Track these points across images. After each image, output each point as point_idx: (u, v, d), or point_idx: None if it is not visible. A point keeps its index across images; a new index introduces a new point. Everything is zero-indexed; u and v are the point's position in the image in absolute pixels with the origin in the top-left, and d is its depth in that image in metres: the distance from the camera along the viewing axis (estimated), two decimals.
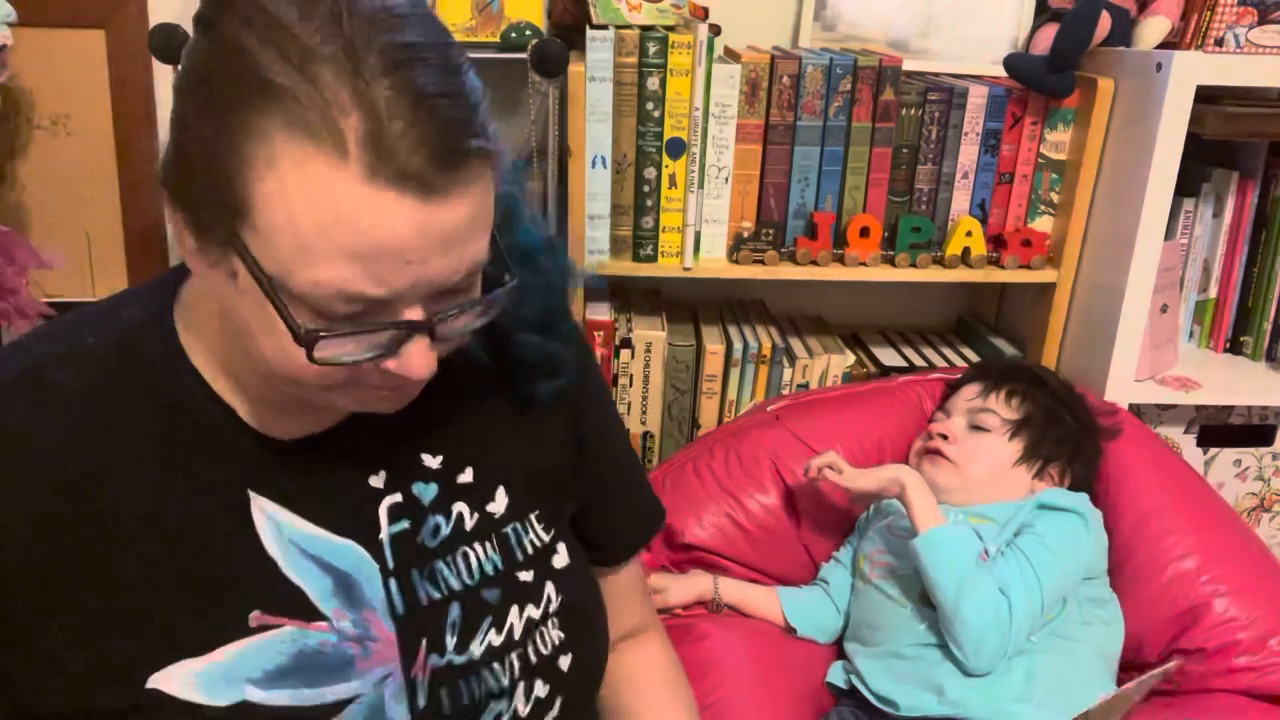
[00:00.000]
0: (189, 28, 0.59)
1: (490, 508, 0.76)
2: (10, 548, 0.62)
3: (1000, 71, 1.47)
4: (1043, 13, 1.56)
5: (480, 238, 0.59)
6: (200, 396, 0.67)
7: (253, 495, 0.67)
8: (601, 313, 1.48)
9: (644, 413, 1.53)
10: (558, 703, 0.76)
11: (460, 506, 0.75)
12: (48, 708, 0.63)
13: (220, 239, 0.56)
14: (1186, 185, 1.46)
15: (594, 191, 1.40)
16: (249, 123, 0.52)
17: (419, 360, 0.59)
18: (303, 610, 0.67)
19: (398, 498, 0.72)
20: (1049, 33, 1.45)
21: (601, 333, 1.46)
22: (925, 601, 1.14)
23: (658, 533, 0.95)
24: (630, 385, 1.51)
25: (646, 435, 1.55)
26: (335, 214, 0.52)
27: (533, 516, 0.79)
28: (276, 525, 0.68)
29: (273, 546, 0.67)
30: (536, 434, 0.80)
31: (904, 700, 1.12)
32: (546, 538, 0.79)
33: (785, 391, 1.51)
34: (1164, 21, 1.41)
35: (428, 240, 0.54)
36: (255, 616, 0.66)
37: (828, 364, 1.53)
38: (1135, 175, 1.36)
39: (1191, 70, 1.29)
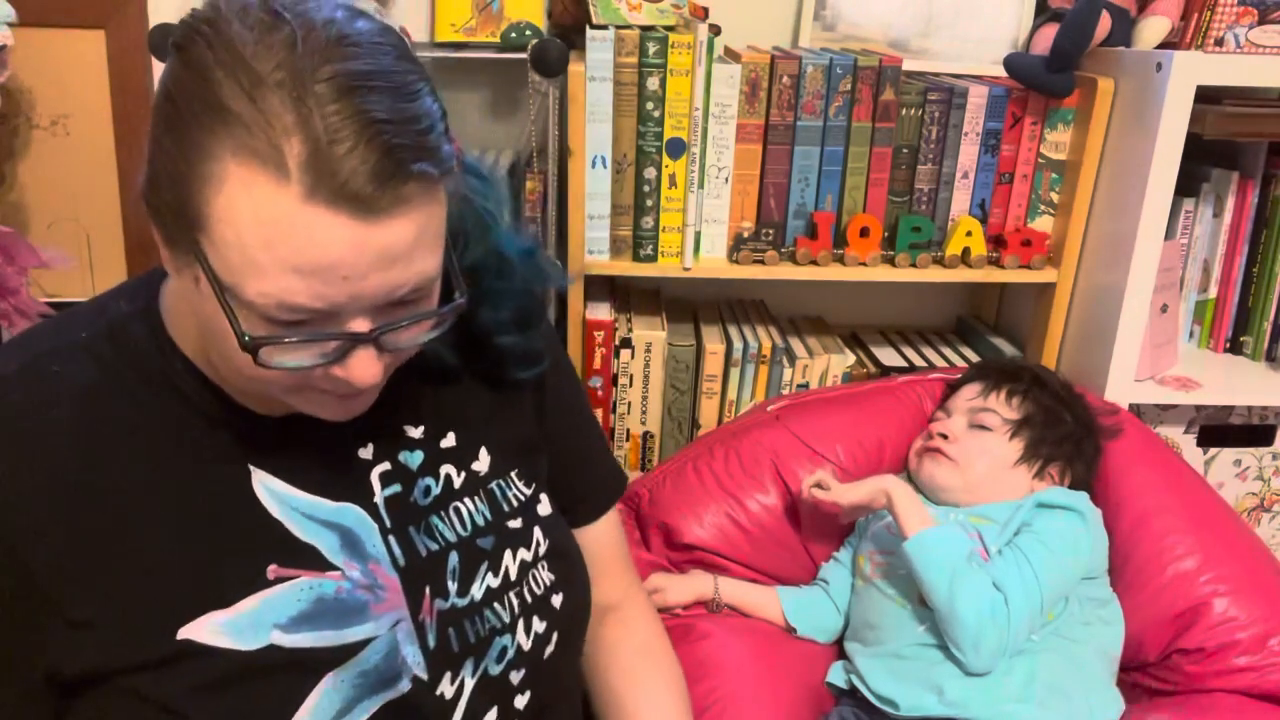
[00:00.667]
0: None
1: (475, 466, 0.82)
2: (28, 527, 0.65)
3: (1000, 71, 1.47)
4: (1043, 13, 1.56)
5: (424, 256, 0.61)
6: (192, 380, 0.71)
7: (253, 469, 0.72)
8: (601, 313, 1.48)
9: (644, 413, 1.53)
10: (554, 637, 0.83)
11: (447, 468, 0.80)
12: (84, 668, 0.67)
13: (185, 248, 0.60)
14: (1186, 185, 1.46)
15: (594, 191, 1.40)
16: (204, 144, 0.56)
17: (363, 369, 0.63)
18: (316, 562, 0.72)
19: (386, 466, 0.78)
20: (1049, 33, 1.45)
21: (601, 333, 1.46)
22: (925, 601, 1.14)
23: (619, 495, 1.00)
24: (630, 385, 1.51)
25: (646, 435, 1.55)
26: (276, 231, 0.56)
27: (513, 474, 0.85)
28: (276, 496, 0.72)
29: (277, 513, 0.72)
30: (508, 403, 0.86)
31: (904, 700, 1.12)
32: (529, 491, 0.86)
33: (785, 391, 1.51)
34: (1164, 21, 1.41)
35: (364, 257, 0.58)
36: (273, 569, 0.70)
37: (828, 364, 1.53)
38: (1135, 175, 1.36)
39: (1191, 70, 1.29)
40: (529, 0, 1.42)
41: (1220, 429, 1.54)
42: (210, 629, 0.67)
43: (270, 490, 0.72)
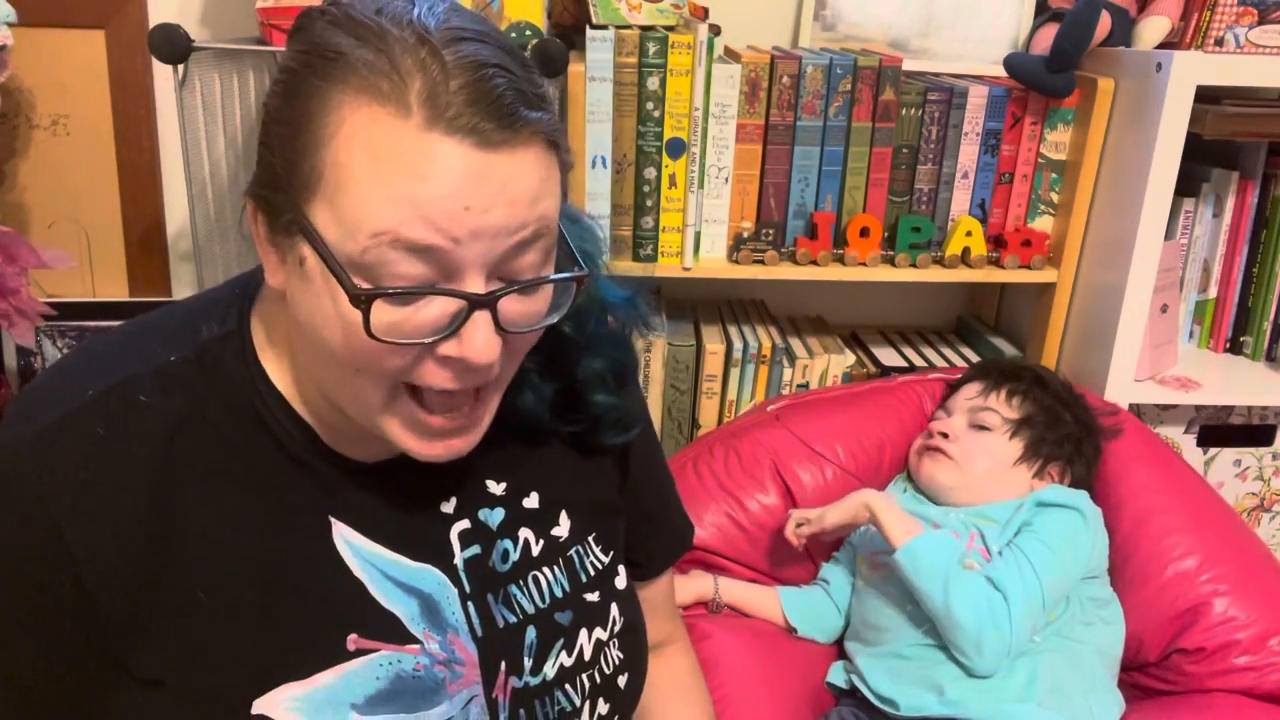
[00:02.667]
0: (189, 28, 0.61)
1: (555, 531, 0.78)
2: (100, 576, 0.60)
3: (1000, 71, 1.47)
4: (1043, 13, 1.56)
5: (544, 202, 0.59)
6: (282, 416, 0.67)
7: (334, 521, 0.68)
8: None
9: None
10: (616, 719, 0.79)
11: (525, 532, 0.76)
12: None
13: (289, 224, 0.58)
14: (1186, 185, 1.46)
15: (594, 191, 1.40)
16: (322, 93, 0.56)
17: (480, 340, 0.58)
18: (397, 634, 0.68)
19: (466, 524, 0.73)
20: (1049, 33, 1.45)
21: None
22: (919, 603, 1.14)
23: (689, 548, 0.98)
24: None
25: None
26: (395, 163, 0.54)
27: (590, 539, 0.80)
28: (358, 551, 0.68)
29: (359, 571, 0.68)
30: (591, 465, 0.82)
31: (904, 700, 1.12)
32: (606, 559, 0.81)
33: (785, 391, 1.51)
34: (1164, 21, 1.41)
35: (486, 186, 0.55)
36: (353, 640, 0.66)
37: (828, 364, 1.53)
38: (1135, 175, 1.36)
39: (1191, 70, 1.29)
40: (529, 0, 1.42)
41: (1220, 429, 1.55)
42: (286, 704, 0.63)
43: (351, 545, 0.68)
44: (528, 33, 1.39)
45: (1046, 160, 1.47)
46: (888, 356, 1.61)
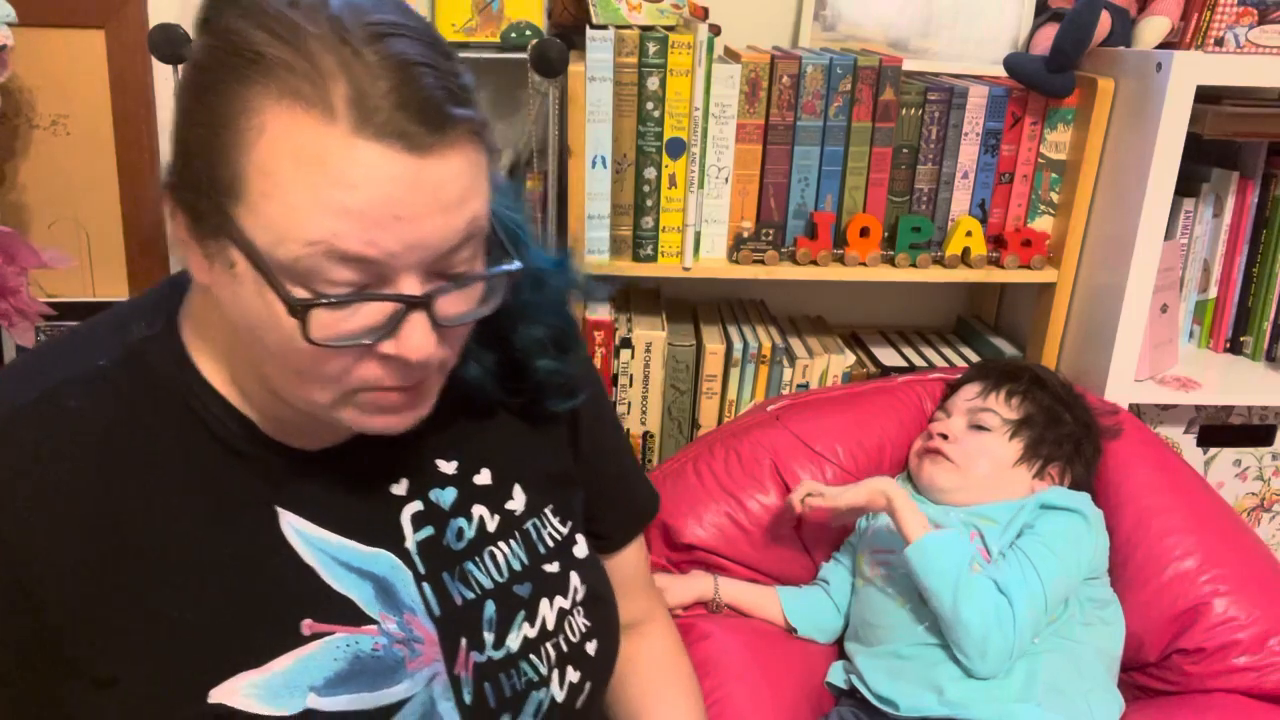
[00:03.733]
0: (189, 28, 0.60)
1: (509, 505, 0.78)
2: (46, 580, 0.61)
3: (1000, 71, 1.47)
4: (1043, 13, 1.56)
5: (474, 202, 0.58)
6: (219, 410, 0.67)
7: (280, 511, 0.68)
8: (601, 313, 1.48)
9: (644, 413, 1.53)
10: (588, 686, 0.79)
11: (480, 509, 0.76)
12: None
13: (215, 227, 0.56)
14: (1186, 185, 1.46)
15: (594, 191, 1.40)
16: (241, 96, 0.54)
17: (418, 339, 0.58)
18: (352, 616, 0.68)
19: (418, 505, 0.73)
20: (1049, 33, 1.45)
21: (601, 333, 1.46)
22: (926, 602, 1.14)
23: (652, 519, 0.97)
24: (630, 385, 1.51)
25: (646, 435, 1.55)
26: (324, 171, 0.53)
27: (548, 510, 0.81)
28: (307, 539, 0.68)
29: (309, 558, 0.68)
30: (542, 435, 0.82)
31: (904, 700, 1.12)
32: (565, 530, 0.82)
33: (785, 391, 1.51)
34: (1164, 21, 1.41)
35: (418, 195, 0.55)
36: (307, 624, 0.66)
37: (828, 364, 1.53)
38: (1135, 175, 1.36)
39: (1191, 70, 1.29)
40: (529, 0, 1.42)
41: (1220, 429, 1.55)
42: (243, 691, 0.63)
43: (300, 533, 0.68)
44: (528, 33, 1.40)
45: (1046, 160, 1.47)
46: (888, 356, 1.61)
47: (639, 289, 1.68)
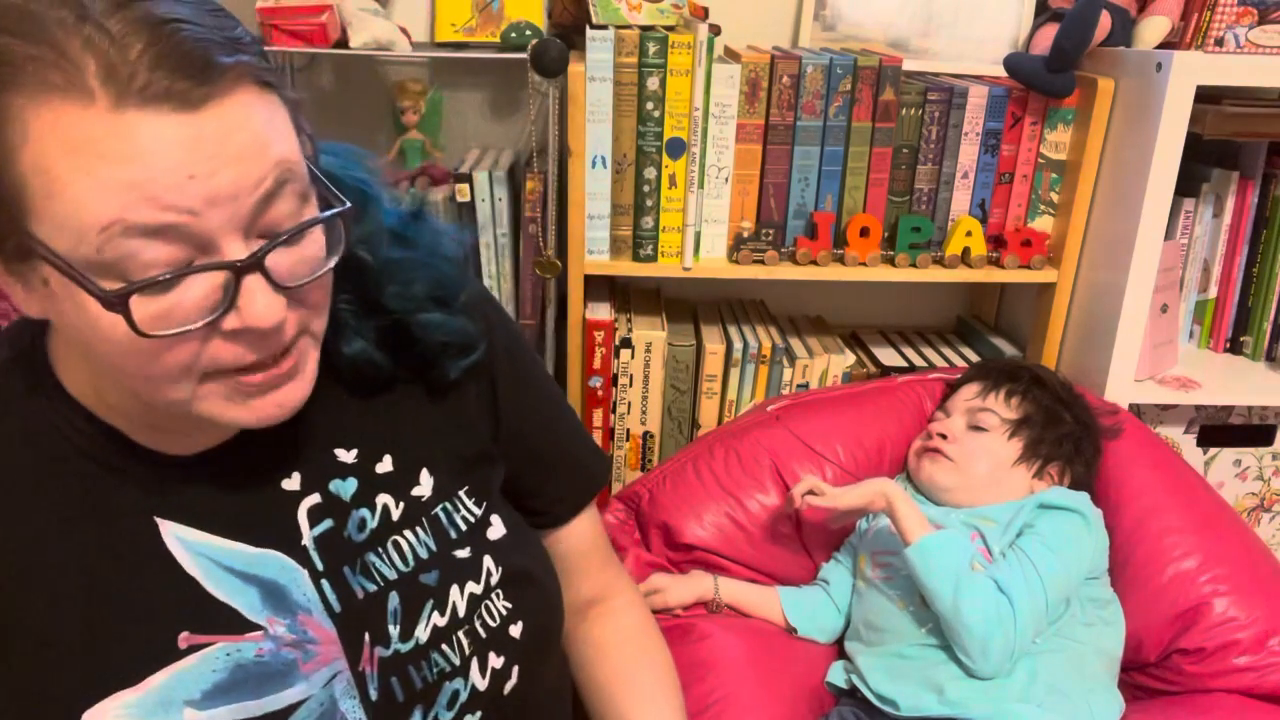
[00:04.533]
0: None
1: (416, 492, 0.75)
2: None
3: (1000, 71, 1.47)
4: (1043, 13, 1.56)
5: (276, 147, 0.55)
6: (85, 426, 0.64)
7: (160, 521, 0.66)
8: (602, 313, 1.48)
9: (644, 413, 1.53)
10: (515, 670, 0.76)
11: (384, 498, 0.73)
12: None
13: (17, 248, 0.54)
14: (1186, 185, 1.46)
15: (594, 191, 1.40)
16: (3, 108, 0.51)
17: (261, 304, 0.55)
18: (233, 624, 0.66)
19: (316, 499, 0.71)
20: (1049, 33, 1.45)
21: (601, 333, 1.46)
22: (926, 602, 1.14)
23: (601, 486, 0.93)
24: (630, 385, 1.51)
25: (646, 435, 1.55)
26: (95, 152, 0.50)
27: (461, 493, 0.77)
28: (189, 547, 0.66)
29: (191, 567, 0.66)
30: (451, 412, 0.78)
31: (904, 700, 1.12)
32: (479, 511, 0.78)
33: (785, 391, 1.51)
34: (1164, 21, 1.41)
35: (204, 149, 0.52)
36: (184, 638, 0.64)
37: (828, 364, 1.53)
38: (1135, 175, 1.36)
39: (1191, 70, 1.29)
40: (529, 0, 1.42)
41: (1220, 429, 1.54)
42: (115, 713, 0.61)
43: (182, 540, 0.65)
44: (528, 33, 1.40)
45: (1046, 160, 1.47)
46: (888, 356, 1.61)
47: (639, 289, 1.68)
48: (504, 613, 0.76)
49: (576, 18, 1.46)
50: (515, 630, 0.77)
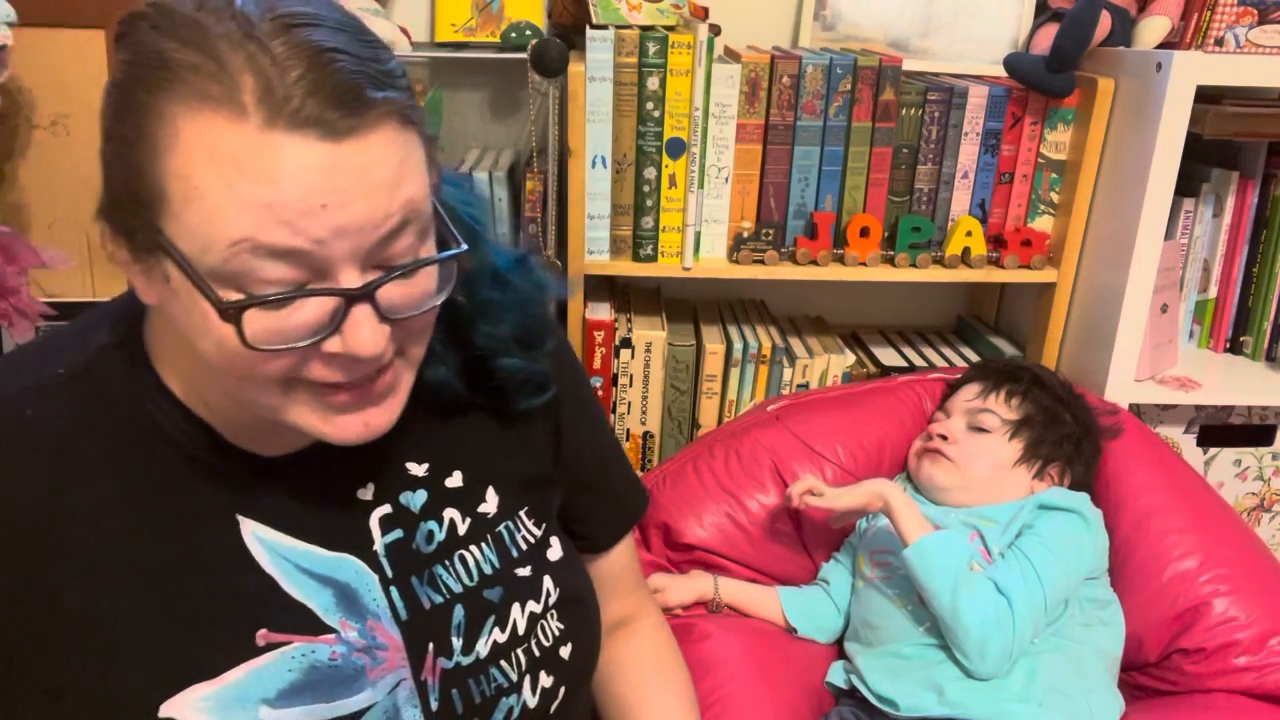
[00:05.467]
0: None
1: (482, 509, 0.77)
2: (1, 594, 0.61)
3: (1000, 71, 1.47)
4: (1043, 13, 1.56)
5: (407, 186, 0.57)
6: (178, 419, 0.66)
7: (241, 519, 0.67)
8: (602, 313, 1.48)
9: (644, 413, 1.53)
10: (562, 691, 0.78)
11: (451, 512, 0.75)
12: None
13: (147, 242, 0.56)
14: (1186, 185, 1.46)
15: (594, 191, 1.40)
16: (153, 107, 0.54)
17: (365, 334, 0.57)
18: (309, 625, 0.67)
19: (387, 509, 0.72)
20: (1049, 33, 1.45)
21: (601, 333, 1.46)
22: (925, 602, 1.14)
23: (641, 516, 0.96)
24: (630, 385, 1.51)
25: (646, 435, 1.55)
26: (239, 167, 0.52)
27: (522, 513, 0.80)
28: (269, 546, 0.67)
29: (270, 566, 0.67)
30: (518, 439, 0.81)
31: (904, 700, 1.12)
32: (539, 533, 0.80)
33: (785, 391, 1.51)
34: (1164, 21, 1.41)
35: (340, 180, 0.53)
36: (262, 635, 0.65)
37: (828, 364, 1.53)
38: (1135, 175, 1.36)
39: (1191, 70, 1.29)
40: (529, 0, 1.42)
41: (1220, 429, 1.54)
42: (194, 705, 0.62)
43: (261, 540, 0.67)
44: (528, 33, 1.40)
45: (1046, 160, 1.47)
46: (888, 356, 1.61)
47: (639, 289, 1.68)
48: (557, 634, 0.78)
49: (576, 18, 1.46)
50: (565, 652, 0.79)
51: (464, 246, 0.61)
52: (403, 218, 0.57)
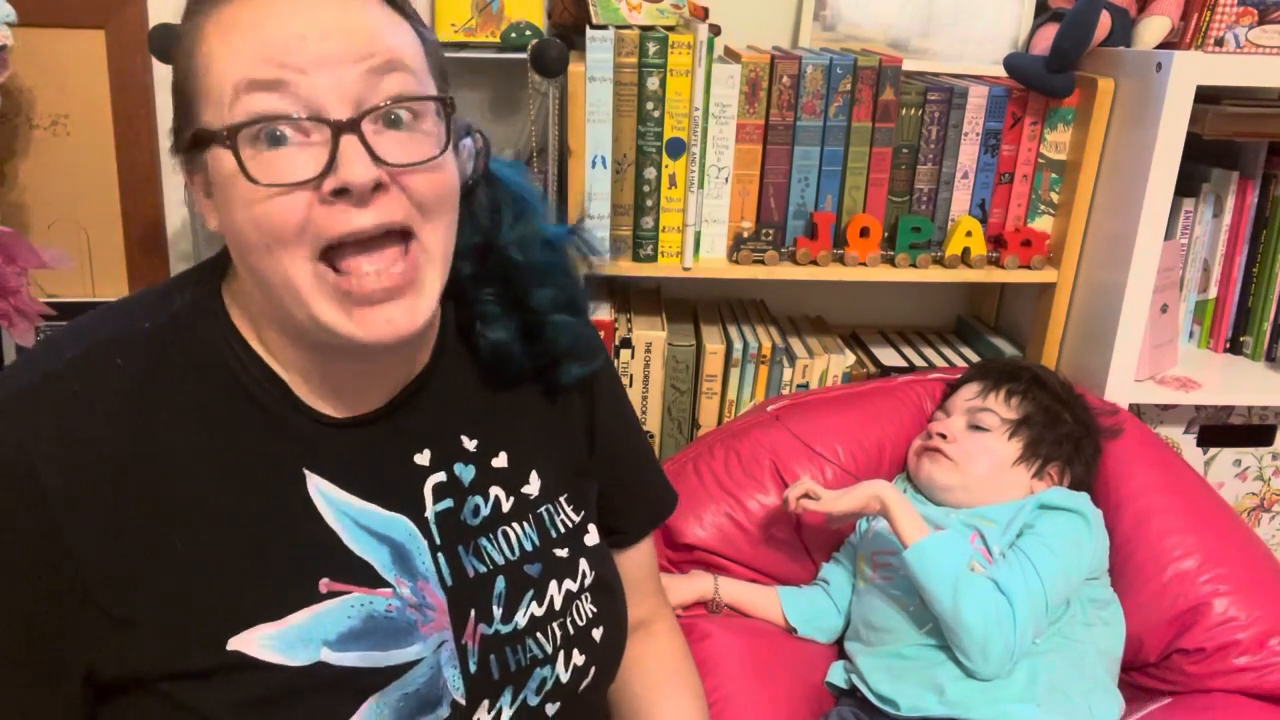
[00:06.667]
0: None
1: (525, 490, 0.80)
2: (76, 520, 0.63)
3: (1000, 71, 1.47)
4: (1043, 13, 1.56)
5: (389, 38, 0.63)
6: (257, 373, 0.70)
7: (308, 474, 0.70)
8: (602, 313, 1.48)
9: (644, 413, 1.53)
10: (592, 671, 0.81)
11: (496, 490, 0.79)
12: (124, 670, 0.65)
13: (194, 142, 0.63)
14: (1186, 185, 1.46)
15: (594, 191, 1.40)
16: (193, 33, 0.63)
17: (356, 165, 0.61)
18: (368, 578, 0.70)
19: (441, 476, 0.76)
20: (1049, 33, 1.45)
21: (601, 333, 1.46)
22: (926, 602, 1.14)
23: (669, 514, 0.99)
24: (630, 385, 1.51)
25: (646, 435, 1.55)
26: (235, 27, 0.61)
27: (562, 499, 0.83)
28: (331, 502, 0.71)
29: (333, 520, 0.70)
30: (560, 422, 0.85)
31: (904, 700, 1.12)
32: (577, 518, 0.84)
33: (785, 391, 1.51)
34: (1164, 21, 1.41)
35: (321, 15, 0.61)
36: (325, 583, 0.69)
37: (828, 364, 1.53)
38: (1135, 175, 1.36)
39: (1191, 70, 1.29)
40: (529, 0, 1.42)
41: (1220, 429, 1.54)
42: (260, 642, 0.66)
43: (325, 495, 0.70)
44: (528, 33, 1.40)
45: (1046, 160, 1.47)
46: (888, 356, 1.61)
47: (639, 289, 1.68)
48: (590, 615, 0.81)
49: (576, 18, 1.46)
50: (597, 634, 0.81)
51: (450, 98, 0.67)
52: (386, 60, 0.62)
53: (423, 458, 0.75)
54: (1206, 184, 1.54)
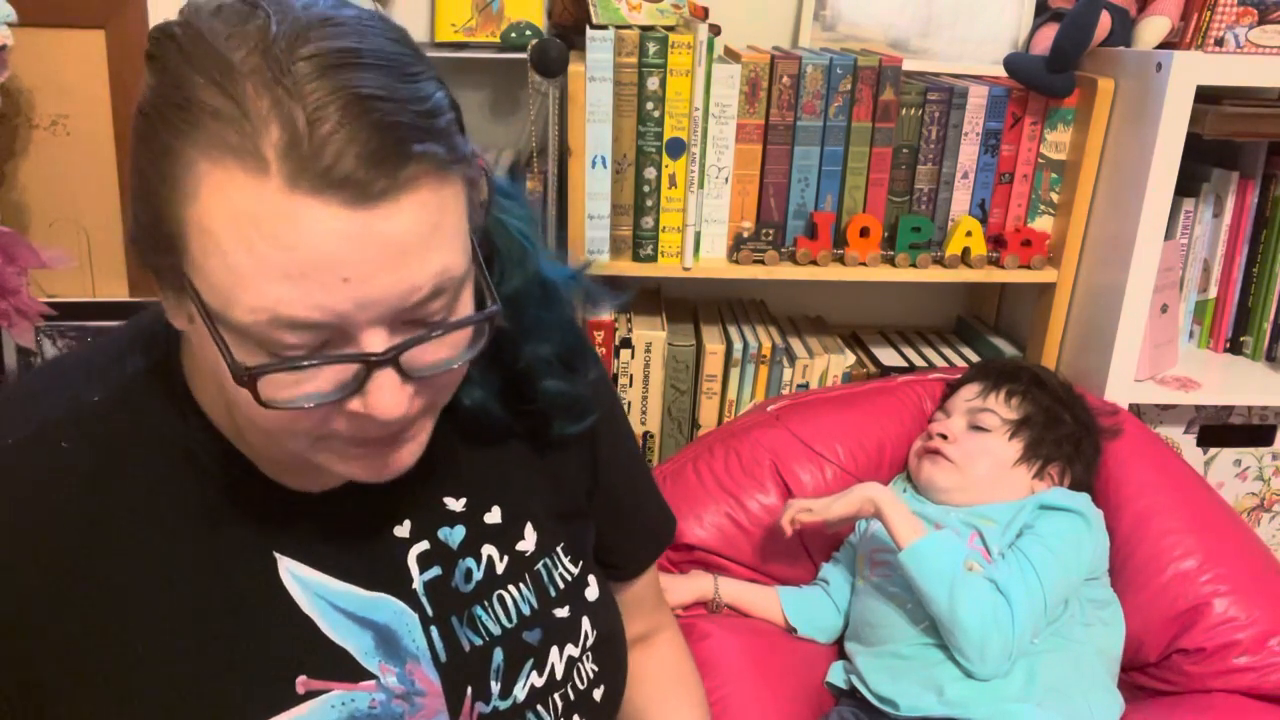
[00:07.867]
0: None
1: (520, 546, 0.75)
2: (24, 629, 0.58)
3: (1000, 71, 1.47)
4: (1043, 13, 1.56)
5: (443, 252, 0.52)
6: (215, 450, 0.63)
7: (278, 556, 0.65)
8: (602, 313, 1.47)
9: (644, 413, 1.53)
10: None
11: (489, 549, 0.73)
12: None
13: (173, 282, 0.53)
14: (1186, 185, 1.46)
15: (594, 191, 1.40)
16: (174, 149, 0.50)
17: (386, 398, 0.53)
18: (349, 671, 0.65)
19: (425, 545, 0.70)
20: (1049, 33, 1.45)
21: (601, 333, 1.46)
22: (923, 603, 1.14)
23: (670, 543, 0.95)
24: (630, 385, 1.51)
25: (646, 435, 1.55)
26: (258, 231, 0.48)
27: (559, 549, 0.77)
28: (305, 585, 0.65)
29: (308, 606, 0.65)
30: (553, 468, 0.78)
31: (904, 700, 1.12)
32: (576, 570, 0.78)
33: (785, 391, 1.51)
34: (1164, 21, 1.41)
35: (365, 252, 0.49)
36: (302, 682, 0.64)
37: (828, 364, 1.53)
38: (1135, 175, 1.36)
39: (1191, 70, 1.29)
40: (529, 0, 1.42)
41: (1220, 429, 1.54)
42: None
43: (298, 578, 0.65)
44: (528, 33, 1.40)
45: (1046, 160, 1.47)
46: (888, 356, 1.61)
47: (639, 289, 1.68)
48: (591, 676, 0.77)
49: (576, 18, 1.46)
50: (598, 694, 0.77)
51: (495, 307, 0.57)
52: (433, 288, 0.52)
53: (402, 529, 0.69)
54: (1206, 184, 1.54)
